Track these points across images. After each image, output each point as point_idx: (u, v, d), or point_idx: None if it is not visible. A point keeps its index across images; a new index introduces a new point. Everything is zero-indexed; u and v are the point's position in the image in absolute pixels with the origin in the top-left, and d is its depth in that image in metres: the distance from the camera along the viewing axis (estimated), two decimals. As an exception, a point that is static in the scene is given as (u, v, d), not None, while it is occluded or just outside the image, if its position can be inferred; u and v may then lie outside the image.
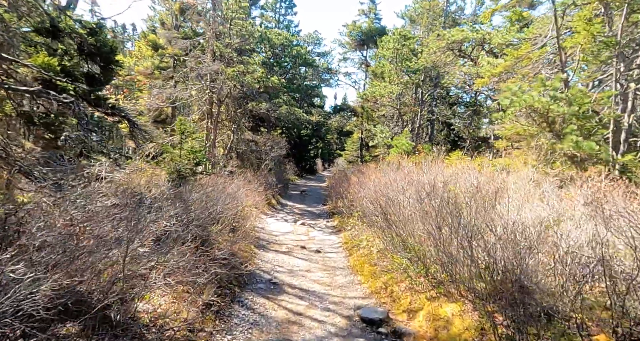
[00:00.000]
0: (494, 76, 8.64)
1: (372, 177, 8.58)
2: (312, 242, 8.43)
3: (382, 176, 8.42)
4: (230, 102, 14.36)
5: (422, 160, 10.97)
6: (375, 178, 7.92)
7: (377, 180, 8.01)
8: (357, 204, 8.63)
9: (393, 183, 6.83)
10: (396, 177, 7.08)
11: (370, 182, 8.29)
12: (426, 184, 5.52)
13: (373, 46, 23.05)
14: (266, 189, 14.34)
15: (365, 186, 8.61)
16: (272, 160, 18.70)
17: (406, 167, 9.41)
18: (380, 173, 9.87)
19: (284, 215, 12.42)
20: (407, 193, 5.77)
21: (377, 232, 6.92)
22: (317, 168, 40.26)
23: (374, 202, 6.73)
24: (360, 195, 8.43)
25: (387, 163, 11.38)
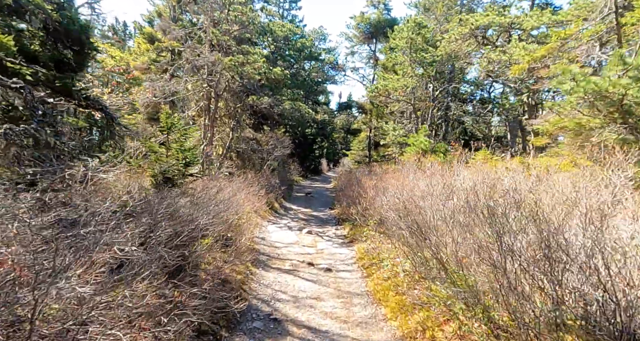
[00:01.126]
0: (534, 61, 7.33)
1: (391, 181, 7.31)
2: (321, 257, 7.17)
3: (404, 179, 7.14)
4: (229, 97, 13.16)
5: (449, 160, 9.67)
6: (396, 182, 6.65)
7: (397, 184, 6.73)
8: (373, 212, 7.35)
9: (420, 188, 5.55)
10: (425, 181, 5.79)
11: (390, 187, 7.02)
12: (473, 190, 4.23)
13: (382, 40, 21.75)
14: (268, 192, 13.12)
15: (383, 190, 7.34)
16: (275, 160, 17.51)
17: (431, 168, 8.12)
18: (398, 175, 8.59)
19: (287, 221, 11.17)
20: (448, 202, 4.48)
21: (402, 248, 5.66)
22: (322, 168, 39.03)
23: (399, 211, 5.46)
24: (377, 202, 7.16)
25: (403, 164, 10.10)
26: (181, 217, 4.48)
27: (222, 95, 12.16)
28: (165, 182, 7.16)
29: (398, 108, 15.69)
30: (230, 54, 10.86)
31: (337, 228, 10.36)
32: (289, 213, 12.87)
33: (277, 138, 15.07)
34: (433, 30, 13.64)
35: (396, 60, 14.87)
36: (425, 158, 10.46)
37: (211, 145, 12.64)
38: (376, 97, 14.49)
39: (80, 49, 6.64)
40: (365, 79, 25.23)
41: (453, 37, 11.10)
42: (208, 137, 12.67)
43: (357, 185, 10.99)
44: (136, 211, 3.62)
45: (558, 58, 7.23)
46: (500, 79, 12.40)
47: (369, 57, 23.94)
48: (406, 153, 11.49)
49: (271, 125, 18.50)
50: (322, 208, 14.36)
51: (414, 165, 8.83)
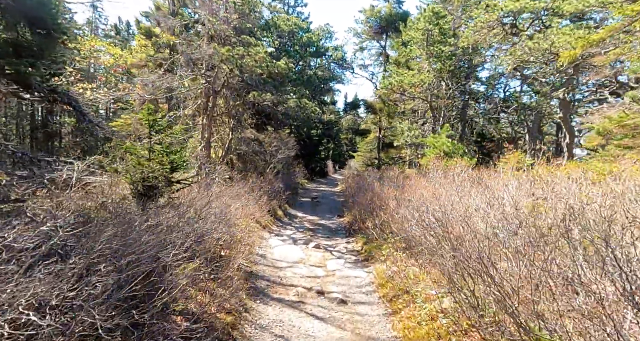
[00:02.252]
0: (590, 45, 6.07)
1: (418, 191, 6.09)
2: (332, 281, 5.96)
3: (435, 189, 5.91)
4: (229, 94, 12.04)
5: (473, 165, 8.43)
6: (426, 193, 5.43)
7: (427, 195, 5.51)
8: (395, 227, 6.12)
9: (467, 204, 4.33)
10: (471, 195, 4.57)
11: (416, 197, 5.79)
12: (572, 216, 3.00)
13: (393, 36, 20.54)
14: (271, 198, 11.96)
15: (407, 202, 6.12)
16: (279, 163, 16.38)
17: (462, 176, 6.89)
18: (421, 183, 7.36)
19: (292, 232, 9.98)
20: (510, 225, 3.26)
21: (437, 276, 4.44)
22: (327, 170, 37.87)
23: (437, 233, 4.23)
24: (399, 214, 5.94)
25: (427, 169, 8.86)
26: (149, 244, 3.30)
27: (221, 91, 11.05)
28: (147, 190, 6.02)
29: (413, 106, 14.46)
30: (229, 45, 9.74)
31: (348, 240, 9.15)
32: (293, 222, 11.68)
33: (281, 139, 13.92)
34: (452, 21, 12.40)
35: (410, 54, 13.64)
36: (448, 162, 9.21)
37: (209, 146, 11.52)
38: (389, 93, 13.27)
39: (45, 31, 5.53)
40: (374, 76, 24.03)
41: (479, 25, 9.86)
42: (205, 138, 11.55)
43: (371, 193, 9.77)
44: (67, 245, 2.45)
45: (620, 42, 5.97)
46: (531, 73, 11.11)
47: (378, 54, 22.73)
48: (425, 156, 10.24)
49: (275, 126, 17.37)
50: (329, 216, 13.15)
51: (440, 170, 7.59)
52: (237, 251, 6.28)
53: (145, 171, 5.96)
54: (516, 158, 8.57)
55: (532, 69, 11.52)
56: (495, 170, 8.83)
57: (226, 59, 9.16)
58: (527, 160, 8.25)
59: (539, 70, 9.98)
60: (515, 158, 8.55)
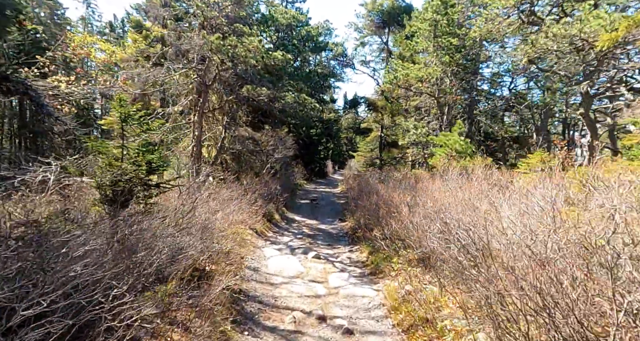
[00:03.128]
0: (637, 26, 5.22)
1: (435, 194, 5.24)
2: (335, 302, 5.09)
3: (454, 193, 5.05)
4: (222, 89, 11.16)
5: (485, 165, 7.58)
6: (450, 201, 4.57)
7: (452, 203, 4.66)
8: (408, 236, 5.26)
9: (504, 215, 3.48)
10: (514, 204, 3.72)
11: (431, 203, 4.93)
12: None
13: (396, 30, 19.69)
14: (267, 201, 11.09)
15: (423, 207, 5.26)
16: (277, 163, 15.51)
17: (483, 177, 6.04)
18: (437, 184, 6.49)
19: (290, 239, 9.11)
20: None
21: (469, 304, 3.59)
22: (327, 170, 37.03)
23: (469, 252, 3.38)
24: (414, 223, 5.08)
25: (438, 170, 8.01)
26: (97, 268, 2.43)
27: (212, 85, 10.18)
28: (119, 195, 5.14)
29: (419, 102, 13.61)
30: (220, 33, 8.86)
31: (351, 249, 8.28)
32: (291, 227, 10.80)
33: (278, 138, 13.05)
34: (462, 10, 11.55)
35: (416, 47, 12.78)
36: (461, 162, 8.35)
37: (200, 145, 10.64)
38: (394, 89, 12.42)
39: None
40: (376, 72, 23.16)
41: (494, 12, 9.01)
42: (196, 136, 10.68)
43: (376, 196, 8.91)
44: None
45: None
46: (549, 66, 10.26)
47: (380, 50, 21.88)
48: (435, 156, 9.38)
49: (272, 124, 16.50)
50: (330, 220, 12.29)
51: (455, 171, 6.72)
52: (224, 267, 5.42)
53: (117, 173, 5.08)
54: (538, 158, 7.72)
55: (549, 61, 10.67)
56: (514, 171, 7.98)
57: (216, 48, 8.29)
58: (552, 160, 7.40)
59: (558, 61, 9.15)
60: (538, 157, 7.71)
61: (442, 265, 4.36)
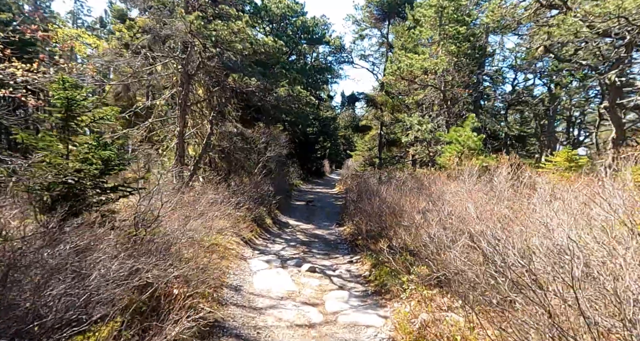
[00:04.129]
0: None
1: (449, 198, 4.26)
2: (333, 334, 4.09)
3: (481, 199, 4.08)
4: (208, 80, 10.12)
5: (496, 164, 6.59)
6: (473, 209, 3.59)
7: (472, 209, 3.69)
8: (429, 254, 4.27)
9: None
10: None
11: (460, 212, 3.95)
12: None
13: (397, 23, 18.72)
14: (258, 204, 10.08)
15: (437, 214, 4.27)
16: (271, 162, 14.51)
17: (506, 177, 5.09)
18: (452, 186, 5.50)
19: (281, 247, 8.10)
20: None
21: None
22: (324, 170, 36.08)
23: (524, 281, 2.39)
24: (432, 236, 4.09)
25: (452, 170, 7.03)
26: None
27: (196, 75, 9.14)
28: (60, 201, 4.12)
29: (423, 97, 12.63)
30: (205, 16, 7.84)
31: (351, 259, 7.29)
32: (284, 233, 9.79)
33: (271, 135, 12.02)
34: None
35: (420, 36, 11.80)
36: (476, 160, 7.38)
37: (182, 142, 9.60)
38: (396, 82, 11.43)
39: None
40: (375, 66, 22.16)
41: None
42: (178, 131, 9.64)
43: (379, 199, 7.93)
44: None
45: None
46: (572, 55, 9.31)
47: (379, 44, 20.88)
48: (445, 154, 8.41)
49: (266, 122, 15.47)
50: (327, 224, 11.30)
51: (474, 171, 5.74)
52: (197, 288, 4.40)
53: (59, 173, 4.05)
54: (565, 156, 6.76)
55: (566, 50, 9.72)
56: (537, 171, 7.00)
57: (197, 30, 7.26)
58: (581, 158, 6.45)
59: (585, 47, 8.22)
60: (565, 156, 6.75)
61: (469, 290, 3.39)
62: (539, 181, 5.57)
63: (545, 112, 19.39)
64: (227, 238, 7.42)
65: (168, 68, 11.06)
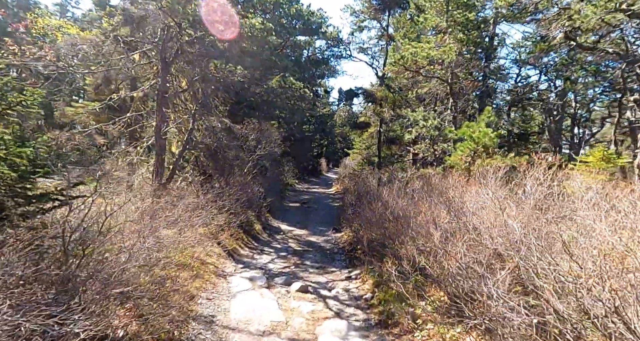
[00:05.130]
0: None
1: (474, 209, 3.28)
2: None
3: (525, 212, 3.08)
4: (191, 70, 9.04)
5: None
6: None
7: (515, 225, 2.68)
8: (453, 284, 3.27)
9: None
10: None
11: (499, 230, 2.96)
12: None
13: (397, 14, 17.67)
14: (246, 207, 9.06)
15: (465, 232, 3.28)
16: (265, 160, 13.47)
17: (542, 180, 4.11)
18: (473, 191, 4.50)
19: (270, 259, 7.08)
20: None
21: None
22: (321, 168, 35.08)
23: None
24: (458, 259, 3.09)
25: (465, 170, 6.05)
26: None
27: (174, 62, 8.07)
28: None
29: (427, 90, 11.63)
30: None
31: (349, 274, 6.28)
32: (274, 240, 8.78)
33: (261, 131, 10.98)
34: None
35: (425, 24, 10.78)
36: (493, 160, 6.39)
37: (160, 138, 8.53)
38: (399, 73, 10.41)
39: None
40: (375, 60, 21.09)
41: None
42: (155, 127, 8.56)
43: (381, 204, 6.93)
44: None
45: None
46: (598, 44, 8.35)
47: (379, 36, 19.82)
48: (456, 152, 7.41)
49: (259, 118, 14.39)
50: (322, 229, 10.30)
51: (497, 172, 4.74)
52: (154, 324, 3.39)
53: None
54: (600, 155, 5.78)
55: (587, 38, 8.75)
56: (567, 172, 5.98)
57: (168, 6, 6.20)
58: (620, 158, 5.48)
59: (606, 34, 7.31)
60: (600, 155, 5.77)
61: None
62: (571, 185, 4.59)
63: (551, 109, 18.47)
64: (206, 249, 6.39)
65: (149, 57, 9.98)
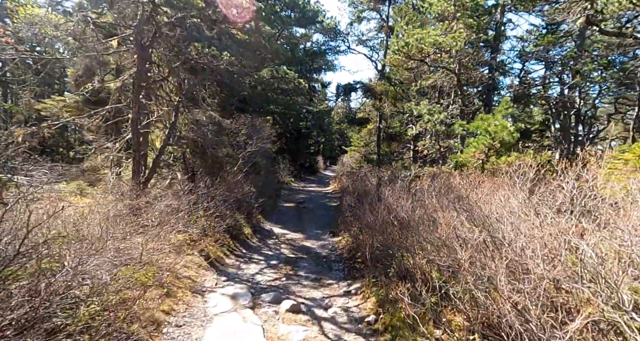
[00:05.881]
0: None
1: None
2: None
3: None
4: (173, 57, 8.15)
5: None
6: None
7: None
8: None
9: None
10: None
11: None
12: None
13: (399, 2, 16.81)
14: (233, 210, 8.22)
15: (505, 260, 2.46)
16: (258, 157, 12.62)
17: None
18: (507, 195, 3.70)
19: (259, 269, 6.25)
20: None
21: None
22: (318, 166, 34.19)
23: None
24: (513, 304, 2.29)
25: (467, 168, 5.24)
26: None
27: (152, 46, 7.18)
28: None
29: (433, 81, 10.78)
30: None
31: (348, 287, 5.47)
32: (265, 246, 7.94)
33: (252, 126, 10.11)
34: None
35: (430, 10, 9.93)
36: (513, 157, 5.57)
37: (137, 133, 7.65)
38: (403, 62, 9.56)
39: None
40: (374, 52, 20.21)
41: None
42: (132, 120, 7.70)
43: (384, 207, 6.10)
44: None
45: None
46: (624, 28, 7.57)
47: (379, 28, 18.95)
48: (469, 149, 6.59)
49: (253, 113, 13.50)
50: (319, 232, 9.49)
51: (528, 173, 3.93)
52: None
53: None
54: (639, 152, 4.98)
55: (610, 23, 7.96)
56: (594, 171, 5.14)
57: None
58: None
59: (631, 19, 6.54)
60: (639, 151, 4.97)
61: None
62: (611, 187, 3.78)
63: (559, 104, 17.71)
64: (183, 259, 5.56)
65: (129, 44, 9.09)
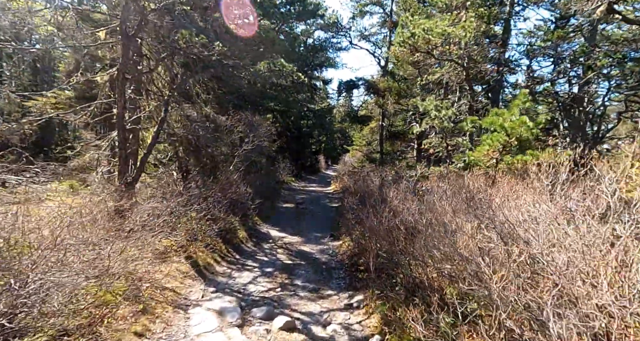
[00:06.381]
0: None
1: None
2: None
3: None
4: (162, 48, 7.63)
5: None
6: None
7: None
8: None
9: None
10: None
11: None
12: None
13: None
14: (228, 213, 7.68)
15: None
16: (258, 156, 12.12)
17: None
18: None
19: (252, 278, 5.71)
20: None
21: None
22: (319, 166, 33.68)
23: None
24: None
25: (478, 168, 4.68)
26: None
27: (137, 35, 6.65)
28: None
29: (439, 77, 10.19)
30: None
31: (350, 300, 4.92)
32: (260, 251, 7.39)
33: (248, 123, 9.57)
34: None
35: (437, 0, 9.35)
36: (532, 155, 5.01)
37: (123, 130, 7.12)
38: (408, 54, 8.98)
39: None
40: (377, 47, 19.62)
41: None
42: (117, 115, 7.16)
43: (389, 210, 5.55)
44: None
45: None
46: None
47: (382, 23, 18.37)
48: (481, 147, 6.02)
49: (252, 111, 12.97)
50: (318, 235, 8.94)
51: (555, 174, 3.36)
52: None
53: None
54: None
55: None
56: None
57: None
58: None
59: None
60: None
61: None
62: None
63: (571, 100, 17.08)
64: (166, 268, 5.03)
65: (118, 35, 8.57)
